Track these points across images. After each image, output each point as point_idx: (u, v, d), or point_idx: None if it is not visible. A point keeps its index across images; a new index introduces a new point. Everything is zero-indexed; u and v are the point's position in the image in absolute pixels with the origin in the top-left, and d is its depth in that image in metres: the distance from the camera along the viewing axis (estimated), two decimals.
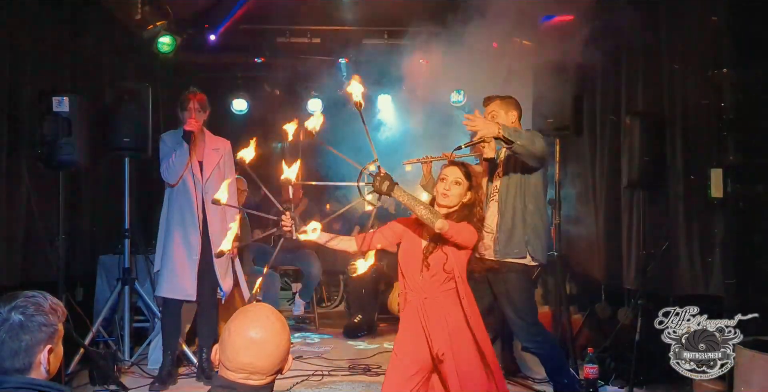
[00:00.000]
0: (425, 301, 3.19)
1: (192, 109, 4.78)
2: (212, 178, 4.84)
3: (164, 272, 4.77)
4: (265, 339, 1.85)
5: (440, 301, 3.19)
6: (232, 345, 1.86)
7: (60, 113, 4.51)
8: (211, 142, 4.94)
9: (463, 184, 3.29)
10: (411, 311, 3.24)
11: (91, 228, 5.62)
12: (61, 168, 4.63)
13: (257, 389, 1.84)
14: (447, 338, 3.14)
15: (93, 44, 5.61)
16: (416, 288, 3.22)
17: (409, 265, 3.23)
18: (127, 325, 5.25)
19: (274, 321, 1.90)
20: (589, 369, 4.68)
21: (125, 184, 5.31)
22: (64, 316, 1.99)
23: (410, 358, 3.18)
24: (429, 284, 3.20)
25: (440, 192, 3.27)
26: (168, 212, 4.84)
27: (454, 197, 3.26)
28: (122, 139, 5.09)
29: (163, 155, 4.79)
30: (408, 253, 3.26)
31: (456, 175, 3.28)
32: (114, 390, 4.60)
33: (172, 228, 4.79)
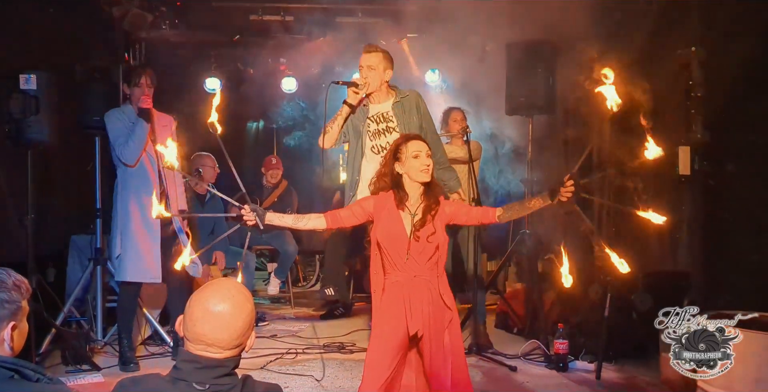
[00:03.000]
0: (414, 279, 3.16)
1: (144, 85, 4.67)
2: None
3: (127, 256, 4.64)
4: (223, 311, 1.85)
5: (426, 278, 3.19)
6: (191, 316, 1.86)
7: (27, 91, 4.45)
8: (159, 119, 4.80)
9: (431, 155, 3.29)
10: (396, 290, 3.19)
11: (63, 208, 5.57)
12: (30, 146, 4.57)
13: (220, 362, 1.84)
14: (427, 317, 3.15)
15: (62, 20, 5.50)
16: (403, 267, 3.18)
17: (393, 244, 3.18)
18: (100, 305, 5.22)
19: (235, 295, 1.90)
20: (560, 345, 4.77)
21: (96, 162, 5.25)
22: (28, 293, 1.98)
23: (393, 337, 3.16)
24: (416, 261, 3.17)
25: (419, 168, 3.20)
26: (123, 193, 4.69)
27: (432, 170, 3.26)
28: (92, 118, 5.00)
29: (116, 135, 4.64)
30: (389, 232, 3.19)
31: (426, 149, 3.25)
32: (86, 370, 4.60)
33: (130, 209, 4.66)
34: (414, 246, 3.16)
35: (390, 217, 3.22)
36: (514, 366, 4.81)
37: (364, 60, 4.13)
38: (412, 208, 3.23)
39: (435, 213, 3.20)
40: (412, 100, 4.22)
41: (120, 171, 4.73)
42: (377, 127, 4.18)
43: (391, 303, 3.21)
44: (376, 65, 4.11)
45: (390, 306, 3.21)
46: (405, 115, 4.17)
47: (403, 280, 3.19)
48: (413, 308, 3.15)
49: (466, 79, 6.86)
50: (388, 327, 3.19)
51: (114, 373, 4.60)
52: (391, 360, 3.13)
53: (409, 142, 3.28)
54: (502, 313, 6.09)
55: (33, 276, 4.52)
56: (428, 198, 3.24)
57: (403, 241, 3.17)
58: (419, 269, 3.18)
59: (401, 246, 3.17)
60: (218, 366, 1.84)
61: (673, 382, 4.26)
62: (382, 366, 3.13)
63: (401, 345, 3.16)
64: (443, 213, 3.23)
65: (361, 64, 4.14)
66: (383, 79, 4.14)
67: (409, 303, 3.16)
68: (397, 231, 3.19)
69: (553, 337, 4.85)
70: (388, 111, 4.19)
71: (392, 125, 4.18)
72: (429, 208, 3.20)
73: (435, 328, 3.17)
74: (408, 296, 3.16)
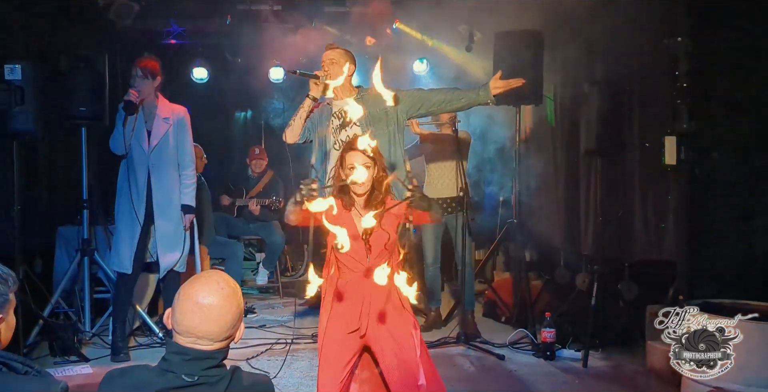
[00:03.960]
0: (367, 280, 3.11)
1: (134, 77, 4.67)
2: (159, 147, 4.71)
3: (114, 245, 4.79)
4: (213, 304, 1.85)
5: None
6: (181, 309, 1.87)
7: (12, 81, 4.41)
8: (162, 111, 4.78)
9: (371, 165, 3.17)
10: (349, 287, 3.18)
11: (49, 199, 5.54)
12: (15, 137, 4.54)
13: (208, 354, 1.85)
14: (376, 317, 3.14)
15: (47, 10, 5.45)
16: (358, 270, 3.17)
17: (352, 247, 3.02)
18: (87, 296, 5.21)
19: (224, 287, 1.90)
20: (547, 333, 4.81)
21: (82, 153, 5.22)
22: (16, 286, 1.97)
23: (346, 333, 3.15)
24: (374, 265, 3.11)
25: (353, 180, 3.05)
26: (120, 184, 4.77)
27: (368, 182, 3.16)
28: (78, 108, 4.96)
29: (116, 126, 4.72)
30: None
31: (363, 160, 3.15)
32: (74, 361, 4.60)
33: (121, 199, 4.73)
34: (369, 253, 3.15)
35: (345, 224, 3.08)
36: (502, 354, 4.85)
37: (326, 56, 4.06)
38: (362, 213, 3.16)
39: (380, 218, 3.10)
40: (377, 95, 4.06)
41: (122, 161, 4.76)
42: (338, 122, 4.09)
43: (342, 300, 3.19)
44: (338, 59, 4.03)
45: (340, 304, 3.20)
46: (368, 107, 3.94)
47: (354, 281, 3.17)
48: (360, 308, 3.14)
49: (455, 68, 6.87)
50: (339, 327, 3.16)
51: (102, 364, 4.60)
52: (345, 363, 3.12)
53: (347, 153, 3.21)
54: (490, 302, 6.13)
55: (20, 268, 4.51)
56: (370, 207, 3.17)
57: (360, 247, 3.13)
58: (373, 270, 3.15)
59: (360, 251, 3.14)
60: (207, 357, 1.84)
61: (659, 370, 4.31)
62: (338, 368, 3.11)
63: (353, 345, 3.14)
64: (390, 216, 3.17)
65: (323, 60, 4.06)
66: (345, 73, 3.99)
67: (359, 302, 3.15)
68: (354, 238, 3.09)
69: (541, 326, 4.89)
70: (348, 105, 4.07)
71: (352, 119, 4.01)
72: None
73: (381, 328, 3.14)
74: (360, 295, 3.15)
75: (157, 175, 4.71)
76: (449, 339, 5.15)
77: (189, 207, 4.88)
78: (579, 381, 4.43)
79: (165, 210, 4.74)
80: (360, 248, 3.15)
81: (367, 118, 3.94)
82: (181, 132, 4.83)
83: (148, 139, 4.70)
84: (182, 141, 4.84)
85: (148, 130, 4.72)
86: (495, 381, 4.41)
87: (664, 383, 4.22)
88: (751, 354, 3.32)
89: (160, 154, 4.72)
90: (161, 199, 4.73)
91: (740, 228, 4.52)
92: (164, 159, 4.73)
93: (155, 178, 4.71)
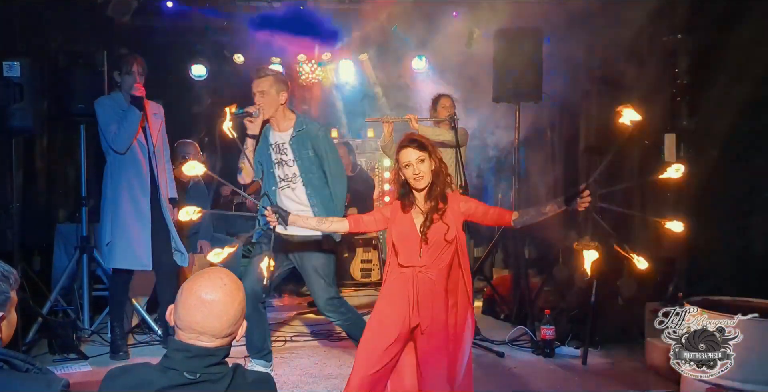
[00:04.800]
0: (418, 274, 3.19)
1: (136, 73, 4.61)
2: (157, 143, 4.73)
3: (118, 243, 4.61)
4: (216, 300, 1.86)
5: (432, 274, 3.19)
6: (184, 304, 1.87)
7: (11, 78, 4.39)
8: (150, 108, 4.76)
9: (426, 158, 3.23)
10: (403, 281, 3.21)
11: (48, 196, 5.53)
12: (14, 134, 4.53)
13: (210, 351, 1.85)
14: (429, 311, 3.18)
15: (46, 6, 5.43)
16: (413, 264, 3.21)
17: (407, 246, 3.22)
18: (86, 294, 5.21)
19: (227, 283, 1.91)
20: (546, 331, 4.81)
21: (81, 150, 5.21)
22: (17, 283, 1.97)
23: (392, 328, 3.18)
24: (427, 258, 3.19)
25: (411, 177, 3.20)
26: (113, 181, 4.64)
27: (427, 174, 3.22)
28: (77, 105, 4.95)
29: (105, 122, 4.57)
30: (403, 235, 3.23)
31: (416, 155, 3.21)
32: (74, 359, 4.60)
33: (121, 197, 4.62)
34: (425, 246, 3.18)
35: (402, 220, 3.26)
36: (502, 352, 4.85)
37: (255, 86, 4.02)
38: (423, 208, 3.25)
39: (443, 212, 3.20)
40: (309, 133, 4.10)
41: (110, 158, 4.66)
42: (277, 157, 4.14)
43: (393, 294, 3.23)
44: (268, 89, 4.01)
45: (390, 298, 3.23)
46: (301, 149, 4.10)
47: (408, 273, 3.21)
48: (415, 301, 3.17)
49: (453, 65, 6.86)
50: (385, 317, 3.21)
51: (102, 362, 4.60)
52: (384, 351, 3.14)
53: (400, 151, 3.26)
54: (489, 299, 6.13)
55: (18, 265, 4.50)
56: (432, 199, 3.23)
57: (414, 241, 3.20)
58: (429, 266, 3.19)
59: (413, 246, 3.20)
60: (209, 355, 1.84)
61: (658, 367, 4.32)
62: (376, 356, 3.15)
63: (398, 337, 3.17)
64: (456, 210, 3.21)
65: (253, 91, 4.03)
66: (278, 102, 4.06)
67: (412, 295, 3.18)
68: (408, 232, 3.21)
69: (540, 323, 4.90)
70: (285, 143, 4.12)
71: (287, 158, 4.12)
72: (434, 209, 3.21)
73: (433, 323, 3.18)
74: (411, 289, 3.18)
75: (157, 169, 4.71)
76: None
77: (175, 199, 4.94)
78: (578, 378, 4.44)
79: (166, 202, 4.76)
80: (414, 244, 3.19)
81: (302, 158, 4.04)
82: (164, 128, 4.87)
83: (145, 135, 4.69)
84: (164, 137, 4.89)
85: (142, 127, 4.69)
86: (495, 378, 4.41)
87: (663, 380, 4.22)
88: (750, 351, 3.33)
89: (158, 149, 4.72)
90: (163, 191, 4.74)
91: (738, 224, 4.52)
92: (159, 153, 4.75)
93: (158, 172, 4.71)
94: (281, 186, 4.17)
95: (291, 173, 4.14)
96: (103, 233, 4.69)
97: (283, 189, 4.16)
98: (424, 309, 3.17)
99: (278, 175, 4.16)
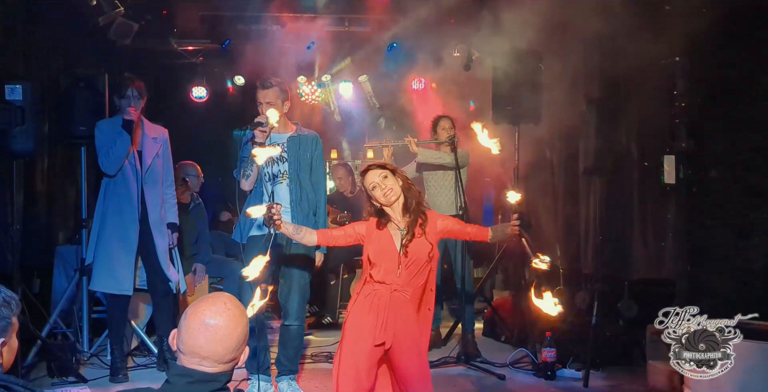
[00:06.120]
0: (394, 293, 3.20)
1: (130, 97, 4.64)
2: (152, 168, 4.73)
3: (98, 266, 4.64)
4: (219, 325, 1.85)
5: (408, 293, 3.22)
6: (187, 329, 1.86)
7: (13, 101, 4.41)
8: (149, 131, 4.80)
9: (388, 174, 3.31)
10: (374, 298, 3.21)
11: (48, 218, 5.52)
12: (15, 157, 4.54)
13: (212, 377, 1.84)
14: (399, 331, 3.18)
15: (47, 29, 5.48)
16: (389, 282, 3.22)
17: (384, 262, 3.23)
18: (86, 316, 5.18)
19: (231, 308, 1.91)
20: (547, 353, 4.78)
21: (82, 172, 5.22)
22: (18, 309, 1.96)
23: (361, 346, 3.18)
24: (406, 276, 3.21)
25: (382, 194, 3.26)
26: (104, 203, 4.67)
27: (395, 187, 3.29)
28: (78, 128, 4.98)
29: (101, 145, 4.61)
30: (380, 251, 3.25)
31: (378, 173, 3.31)
32: (73, 382, 4.56)
33: (108, 220, 4.63)
34: (404, 262, 3.19)
35: (379, 236, 3.28)
36: (503, 374, 4.82)
37: (263, 96, 4.25)
38: (401, 225, 3.28)
39: (424, 226, 3.23)
40: (310, 139, 4.39)
41: (104, 180, 4.70)
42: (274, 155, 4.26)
43: (363, 312, 3.23)
44: (275, 100, 4.24)
45: (361, 316, 3.23)
46: (299, 150, 4.32)
47: (382, 291, 3.21)
48: (385, 319, 3.17)
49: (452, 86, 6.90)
50: (356, 337, 3.21)
51: (101, 385, 4.57)
52: (360, 371, 3.15)
53: (364, 177, 3.36)
54: (489, 321, 6.10)
55: (18, 288, 4.49)
56: (409, 212, 3.29)
57: (392, 257, 3.21)
58: (405, 284, 3.21)
59: (391, 262, 3.21)
60: (211, 380, 1.83)
61: (659, 389, 4.29)
62: (352, 377, 3.15)
63: (370, 355, 3.17)
64: (434, 226, 3.26)
65: (260, 101, 4.26)
66: (283, 111, 4.28)
67: (382, 313, 3.18)
68: (387, 248, 3.24)
69: (541, 345, 4.87)
70: (284, 141, 4.32)
71: (284, 155, 4.31)
72: (414, 222, 3.25)
73: (406, 344, 3.19)
74: (382, 307, 3.18)
75: (150, 194, 4.71)
76: (449, 359, 5.12)
77: (175, 225, 4.93)
78: None
79: (159, 229, 4.76)
80: (392, 261, 3.20)
81: (297, 158, 4.28)
82: (167, 152, 4.89)
83: (140, 159, 4.70)
84: (168, 160, 4.91)
85: (138, 150, 4.72)
86: None
87: None
88: (752, 374, 3.32)
89: (152, 173, 4.73)
90: (155, 218, 4.73)
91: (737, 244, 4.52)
92: (155, 178, 4.76)
93: (149, 196, 4.71)
94: (275, 181, 4.33)
95: (283, 170, 4.33)
96: (89, 253, 4.74)
97: (275, 184, 4.32)
98: (392, 329, 3.17)
99: (268, 172, 4.33)
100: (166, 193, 4.87)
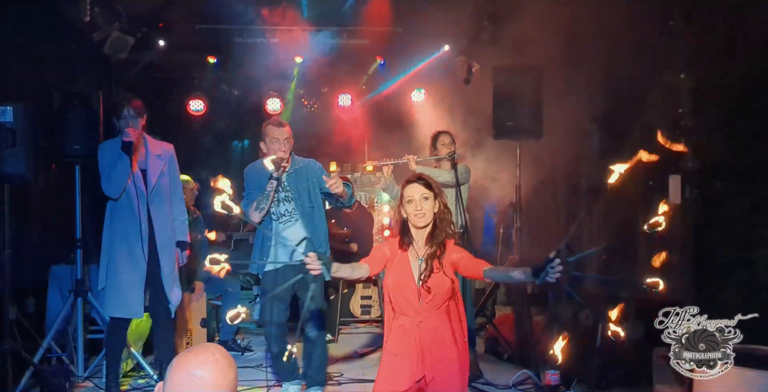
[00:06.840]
0: (420, 325, 3.11)
1: (127, 117, 4.52)
2: (157, 186, 4.62)
3: (110, 290, 4.54)
4: (205, 377, 1.77)
5: (433, 322, 3.12)
6: (171, 380, 1.78)
7: (4, 123, 4.33)
8: (153, 149, 4.68)
9: (430, 196, 3.17)
10: (403, 334, 3.13)
11: (42, 238, 5.43)
12: (6, 181, 4.45)
13: None
14: (437, 360, 3.09)
15: (40, 47, 5.39)
16: (411, 313, 3.12)
17: (403, 291, 3.12)
18: (81, 338, 5.08)
19: (218, 359, 1.82)
20: (551, 376, 4.68)
21: (76, 192, 5.12)
22: None
23: (401, 382, 3.09)
24: (427, 308, 3.11)
25: (413, 214, 3.13)
26: (111, 226, 4.57)
27: (429, 213, 3.16)
28: (72, 147, 4.88)
29: (102, 167, 4.50)
30: (399, 279, 3.14)
31: (421, 192, 3.15)
32: None
33: (116, 243, 4.53)
34: (425, 296, 3.10)
35: (400, 263, 3.17)
36: None
37: (281, 134, 4.44)
38: (420, 252, 3.17)
39: (441, 259, 3.12)
40: (307, 169, 4.57)
41: (109, 203, 4.60)
42: (278, 196, 4.48)
43: (397, 347, 3.14)
44: (290, 137, 4.48)
45: (395, 352, 3.15)
46: (299, 185, 4.52)
47: (409, 325, 3.12)
48: (420, 356, 3.09)
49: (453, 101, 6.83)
50: (392, 373, 3.12)
51: None
52: None
53: (406, 186, 3.20)
54: (491, 339, 6.01)
55: (9, 308, 4.40)
56: (433, 244, 3.15)
57: (411, 290, 3.11)
58: (428, 314, 3.12)
59: (411, 294, 3.12)
60: None
61: None
62: None
63: (409, 388, 3.10)
64: (449, 259, 3.14)
65: (277, 137, 4.43)
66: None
67: (417, 350, 3.09)
68: (405, 278, 3.13)
69: (544, 365, 4.77)
70: (284, 181, 4.49)
71: (288, 195, 4.51)
72: (433, 255, 3.13)
73: (441, 371, 3.10)
74: (414, 343, 3.10)
75: (156, 214, 4.60)
76: None
77: (185, 243, 4.82)
78: None
79: (166, 248, 4.65)
80: (411, 293, 3.11)
81: (298, 191, 4.49)
82: (173, 168, 4.78)
83: (145, 178, 4.60)
84: (175, 177, 4.80)
85: (142, 169, 4.62)
86: None
87: None
88: None
89: (158, 192, 4.62)
90: (163, 238, 4.63)
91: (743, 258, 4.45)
92: (162, 197, 4.65)
93: (155, 216, 4.60)
94: (282, 220, 4.50)
95: (290, 209, 4.50)
96: (100, 278, 4.61)
97: (284, 223, 4.50)
98: (430, 361, 3.08)
99: (276, 212, 4.49)
100: (175, 210, 4.76)
